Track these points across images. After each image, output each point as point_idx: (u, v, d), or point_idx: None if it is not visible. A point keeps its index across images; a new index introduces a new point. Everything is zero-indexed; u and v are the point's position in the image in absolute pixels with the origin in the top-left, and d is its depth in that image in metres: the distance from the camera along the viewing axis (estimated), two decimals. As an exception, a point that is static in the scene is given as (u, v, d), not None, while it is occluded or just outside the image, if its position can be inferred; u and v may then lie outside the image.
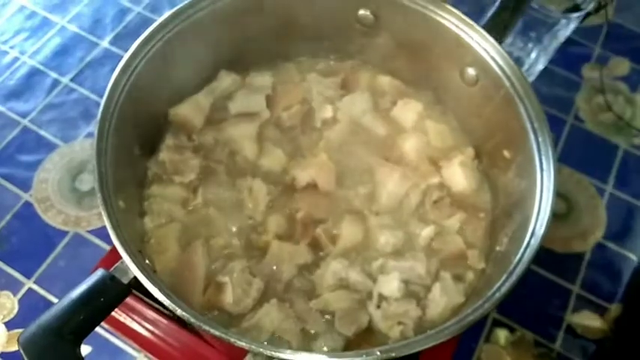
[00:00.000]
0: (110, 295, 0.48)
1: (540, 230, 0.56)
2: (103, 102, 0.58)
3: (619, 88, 1.09)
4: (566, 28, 0.90)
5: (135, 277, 0.49)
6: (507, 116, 0.64)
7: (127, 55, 0.61)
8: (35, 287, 0.86)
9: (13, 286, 0.86)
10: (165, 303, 0.47)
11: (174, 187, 0.68)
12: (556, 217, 0.93)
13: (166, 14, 0.65)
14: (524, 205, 0.60)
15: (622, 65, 1.11)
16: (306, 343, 0.60)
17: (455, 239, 0.67)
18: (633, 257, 0.91)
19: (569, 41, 0.95)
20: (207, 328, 0.47)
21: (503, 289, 0.52)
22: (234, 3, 0.69)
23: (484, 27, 0.66)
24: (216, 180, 0.69)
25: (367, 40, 0.77)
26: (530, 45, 0.94)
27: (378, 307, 0.61)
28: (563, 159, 0.99)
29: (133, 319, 0.72)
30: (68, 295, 0.47)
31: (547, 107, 0.61)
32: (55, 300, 0.85)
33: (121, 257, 0.50)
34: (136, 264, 0.48)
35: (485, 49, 0.65)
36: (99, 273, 0.49)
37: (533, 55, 0.96)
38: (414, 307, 0.60)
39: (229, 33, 0.72)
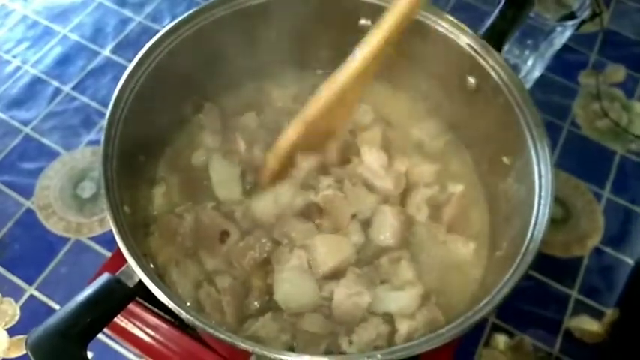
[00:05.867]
0: (116, 298, 0.49)
1: (539, 235, 0.56)
2: (110, 106, 0.58)
3: (615, 95, 1.10)
4: (562, 36, 0.91)
5: (139, 281, 0.50)
6: (506, 123, 0.65)
7: (134, 61, 0.62)
8: (37, 294, 0.86)
9: (15, 292, 0.86)
10: (169, 306, 0.48)
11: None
12: (554, 222, 0.94)
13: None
14: (523, 210, 0.61)
15: (618, 72, 1.12)
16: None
17: None
18: (630, 261, 0.92)
19: (565, 48, 0.97)
20: (211, 330, 0.48)
21: (503, 291, 0.53)
22: (239, 13, 0.69)
23: (483, 36, 0.67)
24: None
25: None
26: (526, 52, 0.95)
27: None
28: (561, 165, 1.00)
29: (134, 324, 0.72)
30: (75, 299, 0.47)
31: (544, 114, 0.61)
32: (56, 306, 0.85)
33: (122, 263, 0.51)
34: (141, 267, 0.49)
35: (484, 58, 0.66)
36: (105, 277, 0.49)
37: (529, 62, 0.97)
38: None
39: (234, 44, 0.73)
